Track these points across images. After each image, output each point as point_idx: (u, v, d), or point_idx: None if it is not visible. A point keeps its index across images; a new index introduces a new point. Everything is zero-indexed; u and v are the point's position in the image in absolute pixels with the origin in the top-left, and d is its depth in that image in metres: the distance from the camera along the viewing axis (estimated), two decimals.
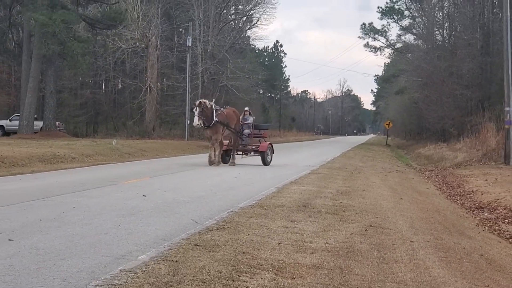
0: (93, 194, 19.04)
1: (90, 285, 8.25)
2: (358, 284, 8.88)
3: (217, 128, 32.86)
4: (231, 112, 34.88)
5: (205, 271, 9.07)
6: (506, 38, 36.63)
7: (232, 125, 34.19)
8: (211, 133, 33.01)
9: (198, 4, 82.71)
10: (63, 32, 60.59)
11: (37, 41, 63.11)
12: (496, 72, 51.87)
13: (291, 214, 15.20)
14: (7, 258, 9.68)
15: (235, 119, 34.78)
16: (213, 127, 32.65)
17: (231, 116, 34.30)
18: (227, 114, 33.96)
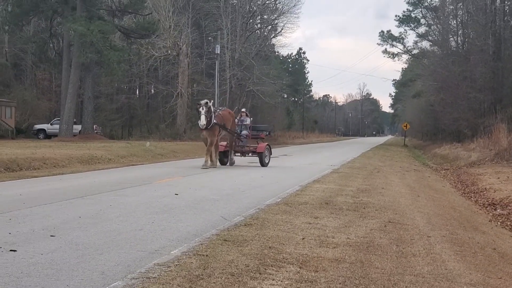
0: (129, 193, 19.10)
1: (126, 278, 8.27)
2: (378, 277, 8.84)
3: (214, 130, 31.23)
4: (227, 114, 33.40)
5: (233, 265, 9.07)
6: None
7: (228, 126, 32.70)
8: (207, 135, 31.17)
9: (226, 14, 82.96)
10: (100, 41, 60.98)
11: (76, 50, 63.53)
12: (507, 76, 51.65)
13: (314, 211, 15.18)
14: (49, 253, 9.73)
15: (231, 120, 33.38)
16: (211, 129, 31.03)
17: (227, 118, 32.87)
18: (223, 116, 32.50)
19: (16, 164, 28.47)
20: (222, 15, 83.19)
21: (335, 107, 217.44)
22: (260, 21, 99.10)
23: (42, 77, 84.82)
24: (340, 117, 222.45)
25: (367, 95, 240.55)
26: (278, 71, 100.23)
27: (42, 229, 11.93)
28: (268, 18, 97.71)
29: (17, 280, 8.05)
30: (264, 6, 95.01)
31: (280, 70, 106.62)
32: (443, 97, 68.46)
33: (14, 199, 16.74)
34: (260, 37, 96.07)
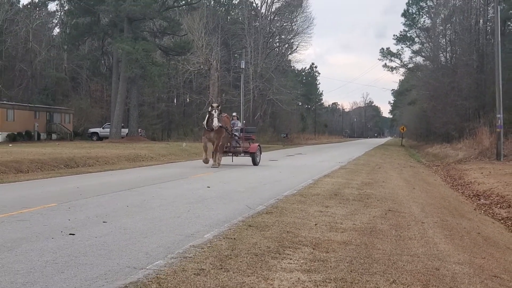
0: (168, 186, 19.16)
1: (166, 257, 8.29)
2: (380, 256, 8.81)
3: (222, 132, 29.08)
4: (225, 118, 30.79)
5: (257, 247, 9.07)
6: (497, 59, 36.70)
7: (229, 129, 30.53)
8: (215, 137, 28.87)
9: (250, 35, 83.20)
10: (144, 58, 61.30)
11: (123, 65, 63.83)
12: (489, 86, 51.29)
13: (325, 201, 15.15)
14: (102, 236, 9.78)
15: (229, 123, 31.02)
16: (219, 131, 28.79)
17: (226, 122, 30.52)
18: (224, 120, 30.07)
19: (74, 162, 28.65)
20: (246, 35, 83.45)
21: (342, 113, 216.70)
22: (278, 41, 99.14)
23: (95, 89, 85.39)
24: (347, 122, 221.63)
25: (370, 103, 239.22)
26: (293, 83, 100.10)
27: (96, 216, 12.00)
28: (285, 38, 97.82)
29: (75, 259, 8.11)
30: (282, 28, 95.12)
31: (296, 82, 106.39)
32: (434, 104, 68.25)
33: (72, 191, 16.85)
34: (279, 54, 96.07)
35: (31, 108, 66.17)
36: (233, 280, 7.13)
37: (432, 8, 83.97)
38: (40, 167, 26.10)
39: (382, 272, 7.84)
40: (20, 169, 24.62)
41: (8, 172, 23.51)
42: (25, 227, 10.57)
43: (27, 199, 14.67)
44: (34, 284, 6.82)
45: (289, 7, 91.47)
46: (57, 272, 7.41)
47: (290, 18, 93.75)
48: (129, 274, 7.34)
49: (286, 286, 6.98)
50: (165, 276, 7.19)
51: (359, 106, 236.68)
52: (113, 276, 7.25)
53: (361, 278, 7.47)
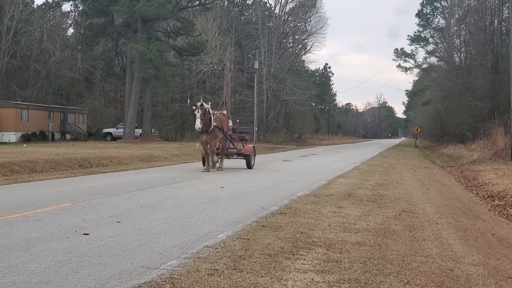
0: (181, 186, 19.20)
1: (180, 257, 8.32)
2: (393, 257, 8.80)
3: (215, 133, 26.20)
4: (222, 116, 27.94)
5: (270, 247, 9.08)
6: None
7: (225, 129, 27.60)
8: (208, 139, 25.78)
9: (263, 35, 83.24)
10: (157, 59, 61.44)
11: (137, 66, 64.05)
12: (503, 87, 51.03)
13: (339, 202, 15.14)
14: (116, 236, 9.82)
15: (226, 123, 28.09)
16: (212, 132, 25.81)
17: (223, 121, 27.58)
18: (220, 118, 27.20)
19: (88, 162, 28.77)
20: (260, 36, 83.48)
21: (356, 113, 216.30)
22: (292, 41, 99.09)
23: (109, 89, 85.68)
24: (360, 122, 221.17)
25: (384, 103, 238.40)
26: (307, 83, 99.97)
27: (110, 216, 12.05)
28: (299, 38, 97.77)
29: (89, 259, 8.15)
30: (295, 28, 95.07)
31: (309, 82, 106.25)
32: (449, 105, 68.06)
33: (86, 191, 16.92)
34: (292, 54, 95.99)
35: (46, 108, 66.47)
36: (246, 280, 7.14)
37: (446, 9, 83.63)
38: (54, 167, 26.23)
39: (396, 273, 7.83)
40: (34, 169, 24.75)
41: (23, 172, 23.65)
42: (40, 227, 10.63)
43: (41, 199, 14.75)
44: (49, 283, 6.86)
45: (303, 7, 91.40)
46: (71, 271, 7.45)
47: (304, 18, 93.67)
48: (143, 274, 7.37)
49: (300, 286, 6.98)
50: (178, 276, 7.21)
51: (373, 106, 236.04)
52: (127, 276, 7.28)
53: (375, 279, 7.46)
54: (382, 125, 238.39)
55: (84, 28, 71.55)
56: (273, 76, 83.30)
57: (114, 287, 6.78)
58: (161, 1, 64.81)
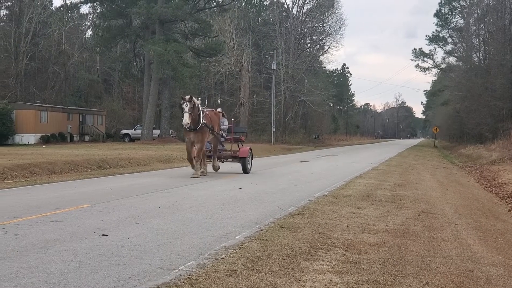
0: (200, 187, 19.24)
1: (198, 258, 8.33)
2: (413, 258, 8.76)
3: (204, 132, 23.02)
4: (213, 115, 24.74)
5: (288, 248, 9.08)
6: None
7: (216, 128, 24.54)
8: (195, 139, 22.79)
9: (281, 36, 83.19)
10: (175, 60, 61.58)
11: (155, 67, 64.21)
12: None
13: (357, 202, 15.10)
14: (134, 237, 9.86)
15: (217, 122, 25.06)
16: (200, 131, 22.69)
17: (214, 119, 24.48)
18: (211, 117, 24.11)
19: (106, 163, 28.89)
20: (277, 36, 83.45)
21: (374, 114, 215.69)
22: (310, 41, 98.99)
23: (127, 90, 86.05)
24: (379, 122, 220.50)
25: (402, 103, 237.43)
26: (325, 84, 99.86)
27: (128, 217, 12.10)
28: (317, 38, 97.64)
29: (108, 260, 8.19)
30: (313, 29, 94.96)
31: (327, 83, 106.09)
32: (467, 105, 67.74)
33: (105, 192, 17.00)
34: (310, 55, 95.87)
35: (64, 110, 66.85)
36: (265, 281, 7.14)
37: (465, 8, 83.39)
38: (73, 169, 26.37)
39: (415, 274, 7.80)
40: (53, 171, 24.89)
41: (42, 174, 23.79)
42: (59, 228, 10.69)
43: (60, 200, 14.84)
44: (68, 284, 6.90)
45: (321, 7, 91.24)
46: (91, 272, 7.49)
47: (321, 18, 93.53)
48: (161, 275, 7.39)
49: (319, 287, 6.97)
50: (197, 277, 7.23)
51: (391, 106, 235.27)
52: (145, 277, 7.31)
53: (394, 280, 7.44)
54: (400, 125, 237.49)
55: (102, 30, 71.88)
56: (290, 76, 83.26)
57: (133, 287, 6.81)
58: (179, 3, 64.96)
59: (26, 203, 14.28)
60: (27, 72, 76.65)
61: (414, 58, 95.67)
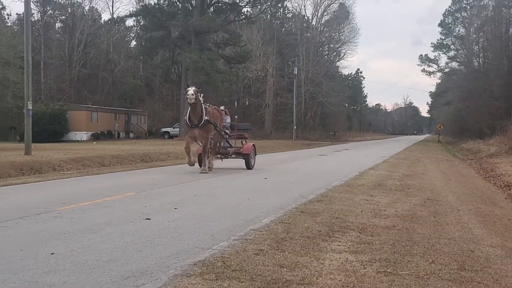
0: (230, 177, 19.28)
1: (229, 239, 8.34)
2: (420, 240, 8.69)
3: (208, 128, 20.63)
4: (215, 111, 22.46)
5: (309, 230, 9.05)
6: None
7: (218, 125, 22.12)
8: (200, 134, 20.42)
9: (302, 45, 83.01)
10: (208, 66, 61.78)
11: (191, 73, 64.44)
12: None
13: (370, 191, 15.02)
14: (173, 221, 9.90)
15: (220, 119, 22.67)
16: (203, 127, 20.29)
17: (216, 116, 22.11)
18: (213, 113, 21.69)
19: (149, 157, 29.08)
20: (299, 45, 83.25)
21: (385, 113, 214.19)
22: (327, 49, 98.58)
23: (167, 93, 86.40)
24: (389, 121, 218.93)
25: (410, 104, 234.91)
26: (341, 86, 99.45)
27: (168, 203, 12.15)
28: (334, 46, 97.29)
29: (151, 240, 8.24)
30: (330, 38, 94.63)
31: (343, 86, 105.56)
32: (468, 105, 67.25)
33: (148, 182, 17.10)
34: (328, 61, 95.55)
35: (112, 111, 67.37)
36: (288, 259, 7.13)
37: (466, 19, 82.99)
38: (120, 162, 26.57)
39: (422, 254, 7.74)
40: (103, 163, 25.11)
41: (93, 166, 24.01)
42: (108, 213, 10.78)
43: (109, 189, 14.96)
44: (116, 261, 6.95)
45: (337, 19, 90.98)
46: (136, 251, 7.54)
47: (338, 29, 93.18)
48: (197, 254, 7.41)
49: (336, 265, 6.95)
50: (228, 256, 7.24)
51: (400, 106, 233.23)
52: (184, 255, 7.33)
53: (403, 259, 7.39)
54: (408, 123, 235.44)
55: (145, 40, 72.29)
56: (310, 80, 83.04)
57: (172, 264, 6.84)
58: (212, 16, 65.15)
59: (80, 192, 14.43)
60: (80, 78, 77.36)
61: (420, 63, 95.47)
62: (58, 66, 75.31)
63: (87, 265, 6.73)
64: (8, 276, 6.21)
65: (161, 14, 67.50)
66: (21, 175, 19.88)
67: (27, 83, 26.55)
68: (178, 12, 67.59)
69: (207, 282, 6.05)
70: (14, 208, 11.21)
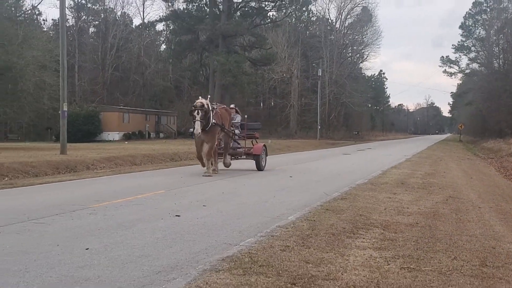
0: (256, 176, 19.28)
1: (256, 235, 8.34)
2: (442, 236, 8.60)
3: (214, 131, 19.51)
4: (224, 111, 21.07)
5: (334, 227, 9.01)
6: None
7: (226, 125, 20.89)
8: (206, 138, 19.13)
9: (326, 47, 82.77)
10: (235, 69, 61.90)
11: (218, 75, 64.66)
12: None
13: (393, 189, 14.91)
14: (202, 218, 9.93)
15: (228, 119, 21.29)
16: (210, 130, 19.17)
17: (224, 116, 20.80)
18: (221, 114, 20.42)
19: (178, 156, 29.23)
20: (323, 47, 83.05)
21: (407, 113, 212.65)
22: (351, 51, 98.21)
23: (195, 95, 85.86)
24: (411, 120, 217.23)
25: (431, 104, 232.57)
26: (364, 87, 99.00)
27: (197, 201, 12.19)
28: (357, 49, 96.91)
29: (181, 236, 8.27)
30: (354, 40, 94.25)
31: (366, 87, 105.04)
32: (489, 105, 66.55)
33: (177, 180, 17.17)
34: (351, 63, 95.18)
35: (143, 112, 67.85)
36: (313, 255, 7.11)
37: (486, 21, 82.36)
38: (151, 161, 26.73)
39: (444, 250, 7.66)
40: (134, 162, 25.28)
41: (125, 165, 24.19)
42: (140, 210, 10.84)
43: (140, 187, 15.05)
44: (148, 256, 6.99)
45: (360, 22, 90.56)
46: (166, 247, 7.57)
47: (361, 31, 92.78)
48: (225, 249, 7.43)
49: (360, 261, 6.91)
50: (255, 251, 7.23)
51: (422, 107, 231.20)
52: (212, 251, 7.35)
53: (426, 255, 7.32)
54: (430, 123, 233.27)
55: (174, 44, 72.76)
56: (334, 81, 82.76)
57: (202, 260, 6.86)
58: (238, 20, 65.32)
59: (112, 189, 14.54)
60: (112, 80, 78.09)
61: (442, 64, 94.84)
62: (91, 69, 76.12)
63: (120, 260, 6.78)
64: (46, 271, 6.29)
65: (190, 18, 67.83)
66: (57, 173, 20.10)
67: (63, 85, 26.85)
68: (206, 17, 67.86)
69: (235, 277, 6.05)
70: (51, 205, 11.34)
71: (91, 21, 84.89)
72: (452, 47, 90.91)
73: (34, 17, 75.02)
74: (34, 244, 7.70)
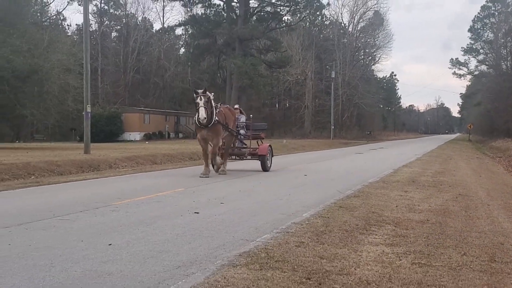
0: (271, 174, 19.27)
1: (272, 232, 8.34)
2: (452, 233, 8.55)
3: (218, 129, 18.27)
4: (228, 111, 19.97)
5: (347, 224, 8.99)
6: None
7: (230, 125, 19.59)
8: (209, 136, 18.03)
9: (339, 50, 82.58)
10: (251, 71, 62.00)
11: (235, 77, 64.78)
12: None
13: (404, 187, 14.83)
14: (220, 215, 9.95)
15: (232, 119, 20.13)
16: (213, 127, 17.93)
17: (228, 116, 19.61)
18: (225, 113, 19.29)
19: (197, 155, 29.23)
20: (336, 50, 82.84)
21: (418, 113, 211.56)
22: (363, 54, 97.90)
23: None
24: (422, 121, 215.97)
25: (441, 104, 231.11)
26: (376, 89, 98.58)
27: (215, 198, 12.21)
28: (369, 51, 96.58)
29: (199, 232, 8.29)
30: (366, 43, 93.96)
31: (378, 88, 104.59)
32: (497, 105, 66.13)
33: (196, 178, 17.20)
34: (363, 65, 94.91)
35: (163, 113, 68.13)
36: (327, 251, 7.10)
37: (494, 24, 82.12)
38: (170, 160, 26.81)
39: (454, 246, 7.61)
40: (154, 161, 25.38)
41: (146, 164, 24.29)
42: (160, 207, 10.89)
43: (161, 185, 15.12)
44: (168, 252, 7.02)
45: (372, 25, 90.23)
46: (186, 243, 7.60)
47: (373, 35, 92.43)
48: (242, 245, 7.43)
49: (373, 257, 6.89)
50: (271, 247, 7.24)
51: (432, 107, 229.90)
52: (230, 246, 7.37)
53: (436, 251, 7.28)
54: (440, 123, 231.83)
55: (193, 47, 73.02)
56: (347, 83, 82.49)
57: (220, 255, 6.88)
58: (255, 25, 65.38)
59: (134, 187, 14.61)
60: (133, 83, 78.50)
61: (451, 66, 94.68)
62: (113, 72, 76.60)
63: (141, 255, 6.82)
64: (71, 265, 6.34)
65: (208, 23, 68.00)
66: (81, 172, 20.24)
67: (86, 88, 27.04)
68: (223, 21, 67.99)
69: (252, 272, 6.06)
70: (75, 203, 11.43)
71: (113, 26, 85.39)
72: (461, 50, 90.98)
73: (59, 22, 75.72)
74: (60, 240, 7.76)
